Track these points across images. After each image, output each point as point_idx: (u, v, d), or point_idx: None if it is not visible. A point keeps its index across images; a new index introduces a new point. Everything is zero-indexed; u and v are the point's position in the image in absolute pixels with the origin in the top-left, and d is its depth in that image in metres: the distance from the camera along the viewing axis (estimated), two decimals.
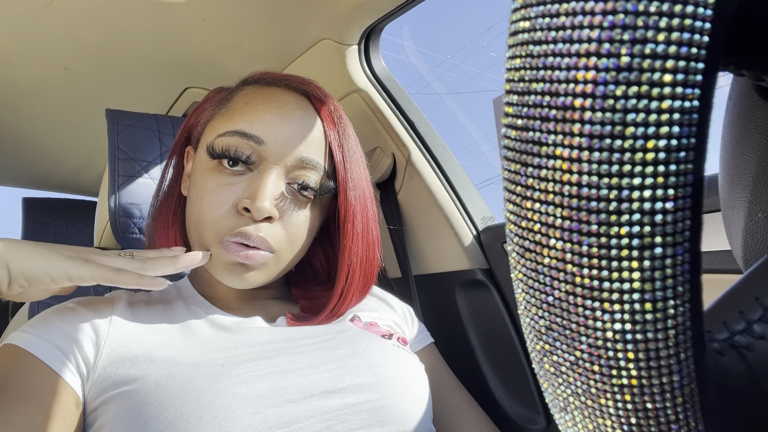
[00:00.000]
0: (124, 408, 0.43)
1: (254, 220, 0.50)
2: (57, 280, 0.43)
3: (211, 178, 0.52)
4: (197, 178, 0.54)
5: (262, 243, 0.50)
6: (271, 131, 0.52)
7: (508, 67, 0.16)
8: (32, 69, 0.93)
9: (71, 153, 1.35)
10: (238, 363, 0.47)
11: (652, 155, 0.14)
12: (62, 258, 0.44)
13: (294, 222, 0.53)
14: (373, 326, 0.60)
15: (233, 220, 0.51)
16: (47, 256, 0.44)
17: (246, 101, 0.54)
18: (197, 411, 0.42)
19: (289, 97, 0.55)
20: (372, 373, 0.50)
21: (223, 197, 0.51)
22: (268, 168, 0.52)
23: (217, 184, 0.52)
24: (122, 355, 0.47)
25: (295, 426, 0.44)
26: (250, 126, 0.52)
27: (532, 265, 0.16)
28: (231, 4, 0.78)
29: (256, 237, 0.50)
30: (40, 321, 0.49)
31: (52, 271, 0.43)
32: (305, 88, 0.56)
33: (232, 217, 0.51)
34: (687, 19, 0.13)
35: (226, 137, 0.52)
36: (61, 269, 0.43)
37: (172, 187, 0.61)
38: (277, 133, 0.52)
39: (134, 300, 0.56)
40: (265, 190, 0.50)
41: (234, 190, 0.51)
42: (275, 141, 0.52)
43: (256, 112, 0.53)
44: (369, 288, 0.60)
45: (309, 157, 0.53)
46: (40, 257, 0.43)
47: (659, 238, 0.14)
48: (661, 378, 0.15)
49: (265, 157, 0.52)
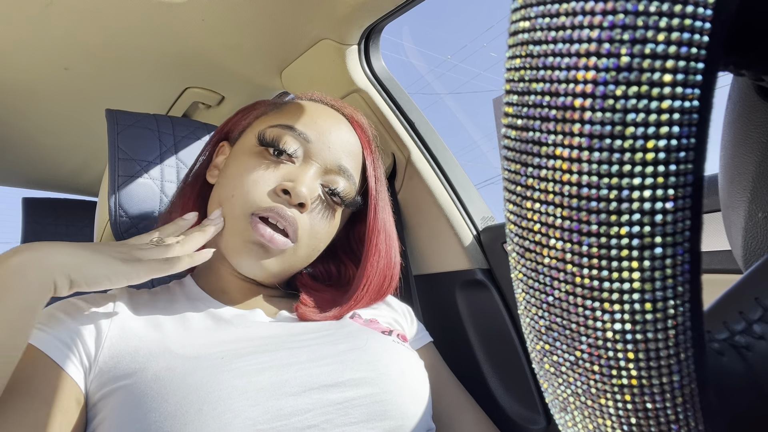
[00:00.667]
0: (125, 401, 0.44)
1: (290, 203, 0.53)
2: (116, 282, 0.46)
3: (254, 159, 0.56)
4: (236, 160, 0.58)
5: (292, 225, 0.53)
6: (319, 134, 0.57)
7: (508, 67, 0.16)
8: (32, 69, 0.93)
9: (71, 153, 1.35)
10: (238, 356, 0.47)
11: (652, 155, 0.14)
12: (119, 262, 0.47)
13: (319, 221, 0.57)
14: (373, 323, 0.60)
15: (269, 199, 0.54)
16: (106, 261, 0.46)
17: (300, 107, 0.60)
18: (197, 403, 0.42)
19: (338, 115, 0.61)
20: (372, 368, 0.50)
21: (263, 177, 0.55)
22: (310, 163, 0.56)
23: (259, 164, 0.55)
24: (123, 350, 0.47)
25: (294, 419, 0.44)
26: (303, 126, 0.57)
27: (532, 265, 0.16)
28: (231, 4, 0.78)
29: (289, 217, 0.53)
30: (46, 317, 0.49)
31: (112, 275, 0.46)
32: (350, 114, 0.63)
33: (269, 196, 0.54)
34: (687, 19, 0.13)
35: (278, 128, 0.56)
36: (120, 274, 0.46)
37: (198, 174, 0.64)
38: (325, 137, 0.57)
39: (136, 295, 0.57)
40: (307, 178, 0.54)
41: (275, 175, 0.55)
42: (322, 143, 0.57)
43: (310, 117, 0.58)
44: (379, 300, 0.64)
45: (346, 166, 0.58)
46: (101, 263, 0.46)
47: (659, 238, 0.14)
48: (661, 378, 0.15)
49: (309, 154, 0.57)
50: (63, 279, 0.44)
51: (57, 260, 0.44)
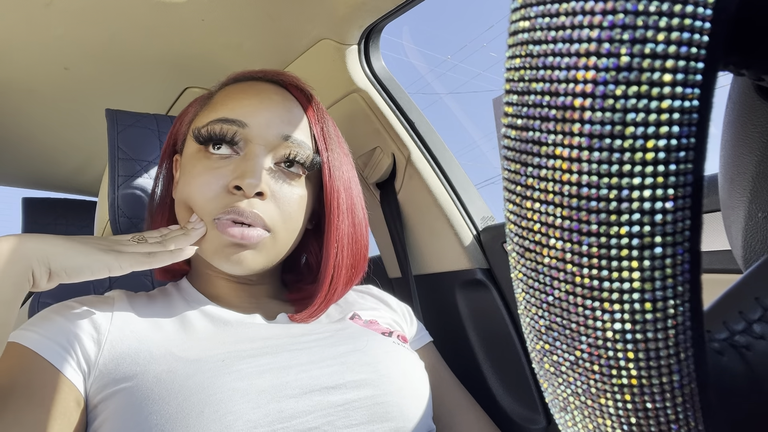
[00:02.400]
0: (126, 404, 0.43)
1: (246, 197, 0.51)
2: (97, 272, 0.45)
3: (198, 163, 0.54)
4: (184, 169, 0.55)
5: (257, 219, 0.51)
6: (252, 114, 0.54)
7: (508, 67, 0.16)
8: (32, 69, 0.93)
9: (71, 153, 1.35)
10: (239, 358, 0.47)
11: (652, 155, 0.14)
12: (100, 251, 0.46)
13: (286, 199, 0.54)
14: (373, 324, 0.60)
15: (225, 200, 0.51)
16: (87, 251, 0.45)
17: (227, 94, 0.57)
18: (198, 406, 0.42)
19: (266, 85, 0.57)
20: (372, 370, 0.50)
21: (212, 179, 0.52)
22: (253, 148, 0.53)
23: (205, 167, 0.53)
24: (123, 352, 0.47)
25: (295, 421, 0.44)
26: (232, 112, 0.54)
27: (532, 265, 0.16)
28: (231, 4, 0.78)
29: (250, 213, 0.51)
30: (43, 319, 0.49)
31: (93, 265, 0.45)
32: (281, 78, 0.59)
33: (224, 196, 0.52)
34: (687, 18, 0.13)
35: (211, 125, 0.54)
36: (102, 262, 0.45)
37: (164, 196, 0.62)
38: (258, 115, 0.54)
39: (134, 298, 0.56)
40: (254, 166, 0.52)
41: (223, 173, 0.52)
42: (257, 123, 0.54)
43: (236, 100, 0.55)
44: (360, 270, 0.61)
45: (293, 135, 0.55)
46: (81, 252, 0.45)
47: (659, 238, 0.14)
48: (661, 378, 0.15)
49: (250, 138, 0.54)
50: (41, 268, 0.43)
51: (33, 248, 0.43)
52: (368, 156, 0.95)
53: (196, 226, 0.52)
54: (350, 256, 0.58)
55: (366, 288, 0.70)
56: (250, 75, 0.60)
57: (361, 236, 0.60)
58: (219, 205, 0.51)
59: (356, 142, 0.96)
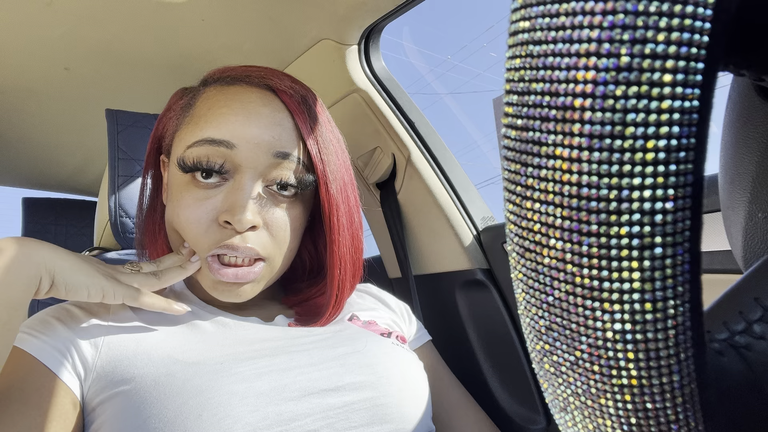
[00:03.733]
0: (124, 406, 0.43)
1: (238, 232, 0.49)
2: (93, 296, 0.45)
3: (186, 193, 0.51)
4: (173, 193, 0.53)
5: (250, 252, 0.49)
6: (239, 133, 0.50)
7: (508, 67, 0.16)
8: (32, 69, 0.93)
9: (71, 153, 1.35)
10: (238, 361, 0.47)
11: (652, 155, 0.14)
12: (101, 276, 0.46)
13: (279, 225, 0.52)
14: (372, 325, 0.60)
15: (216, 235, 0.49)
16: (90, 273, 0.45)
17: (209, 105, 0.52)
18: (197, 409, 0.42)
19: (252, 95, 0.52)
20: (371, 371, 0.50)
21: (201, 213, 0.50)
22: (243, 174, 0.50)
23: (194, 199, 0.50)
24: (120, 355, 0.47)
25: (294, 424, 0.44)
26: (217, 131, 0.50)
27: (532, 265, 0.16)
28: (231, 4, 0.78)
29: (244, 248, 0.49)
30: (39, 322, 0.49)
31: (92, 288, 0.45)
32: (268, 82, 0.54)
33: (215, 231, 0.49)
34: (687, 19, 0.13)
35: (195, 147, 0.50)
36: (99, 287, 0.45)
37: (153, 199, 0.60)
38: (247, 133, 0.50)
39: None
40: (243, 200, 0.48)
41: (212, 204, 0.50)
42: (246, 142, 0.50)
43: (221, 116, 0.50)
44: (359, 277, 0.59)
45: (283, 151, 0.51)
46: (84, 272, 0.45)
47: (659, 238, 0.14)
48: (661, 378, 0.15)
49: (239, 162, 0.50)
50: (47, 278, 0.43)
51: (46, 257, 0.43)
52: (368, 156, 0.95)
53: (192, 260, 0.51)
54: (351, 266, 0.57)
55: (365, 287, 0.70)
56: (233, 76, 0.54)
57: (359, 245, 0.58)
58: (211, 241, 0.49)
59: (356, 142, 0.96)
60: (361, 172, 0.97)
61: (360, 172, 0.98)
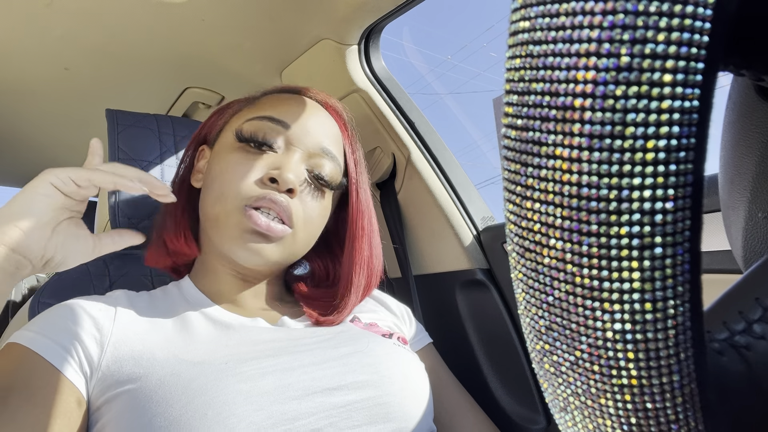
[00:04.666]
0: (129, 406, 0.43)
1: (279, 191, 0.53)
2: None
3: (236, 155, 0.56)
4: (219, 159, 0.57)
5: (286, 211, 0.53)
6: (297, 120, 0.57)
7: (508, 67, 0.16)
8: (32, 69, 0.93)
9: (71, 153, 1.35)
10: (242, 361, 0.47)
11: (652, 155, 0.14)
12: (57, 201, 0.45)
13: (310, 204, 0.57)
14: (373, 326, 0.60)
15: (258, 190, 0.53)
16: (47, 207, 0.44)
17: (274, 99, 0.60)
18: (201, 408, 0.42)
19: (311, 101, 0.61)
20: (373, 371, 0.50)
21: (249, 169, 0.54)
22: (292, 150, 0.56)
23: (243, 158, 0.55)
24: (126, 354, 0.47)
25: (298, 422, 0.44)
26: (279, 114, 0.57)
27: (532, 265, 0.16)
28: (231, 4, 0.78)
29: (282, 202, 0.53)
30: (43, 320, 0.49)
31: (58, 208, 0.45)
32: (322, 98, 0.63)
33: (258, 187, 0.53)
34: (687, 19, 0.13)
35: (255, 121, 0.56)
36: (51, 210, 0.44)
37: (183, 181, 0.63)
38: (303, 122, 0.57)
39: (135, 298, 0.56)
40: (292, 163, 0.54)
41: (259, 165, 0.55)
42: (301, 129, 0.57)
43: (285, 105, 0.58)
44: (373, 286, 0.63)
45: (329, 148, 0.58)
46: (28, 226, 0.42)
47: (659, 238, 0.14)
48: (661, 378, 0.15)
49: (290, 141, 0.56)
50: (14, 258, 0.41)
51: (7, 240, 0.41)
52: (368, 156, 0.95)
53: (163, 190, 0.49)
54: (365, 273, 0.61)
55: None
56: (295, 89, 0.63)
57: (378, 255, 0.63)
58: (252, 193, 0.53)
59: None
60: None
61: None
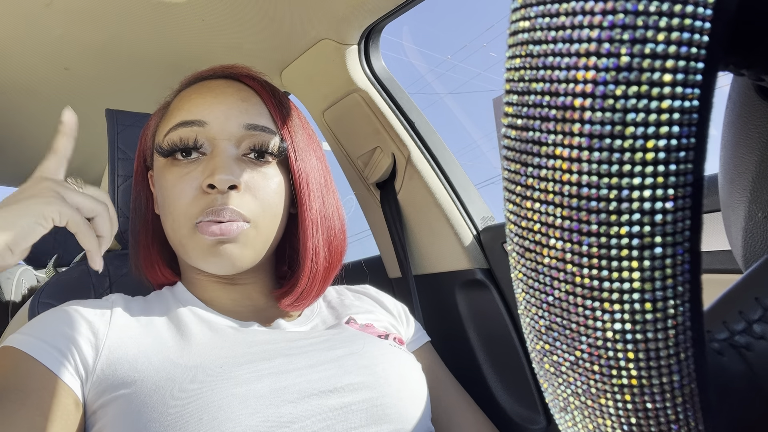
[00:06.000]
0: (124, 410, 0.43)
1: (220, 193, 0.51)
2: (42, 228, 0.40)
3: (171, 173, 0.54)
4: (159, 182, 0.56)
5: (234, 214, 0.51)
6: (209, 111, 0.54)
7: (508, 67, 0.16)
8: (32, 69, 0.93)
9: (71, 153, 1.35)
10: (237, 364, 0.47)
11: (652, 155, 0.14)
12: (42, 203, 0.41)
13: (261, 188, 0.54)
14: (369, 327, 0.60)
15: (201, 202, 0.52)
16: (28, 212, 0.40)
17: (180, 99, 0.57)
18: (197, 412, 0.42)
19: (218, 81, 0.57)
20: (369, 372, 0.50)
21: (185, 185, 0.53)
22: (219, 144, 0.53)
23: (176, 176, 0.53)
24: (121, 358, 0.47)
25: (294, 426, 0.44)
26: (188, 114, 0.54)
27: (532, 265, 0.16)
28: (231, 4, 0.78)
29: (227, 210, 0.51)
30: (39, 323, 0.49)
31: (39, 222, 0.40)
32: (231, 71, 0.59)
33: (200, 199, 0.52)
34: (687, 19, 0.13)
35: (171, 133, 0.54)
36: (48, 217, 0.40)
37: (144, 212, 0.61)
38: (216, 110, 0.54)
39: (131, 302, 0.56)
40: (222, 161, 0.52)
41: (194, 176, 0.53)
42: (216, 118, 0.53)
43: (191, 101, 0.55)
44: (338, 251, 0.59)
45: (254, 123, 0.55)
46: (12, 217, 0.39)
47: (659, 238, 0.14)
48: (661, 378, 0.15)
49: (213, 136, 0.53)
50: None
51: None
52: (368, 156, 0.95)
53: None
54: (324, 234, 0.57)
55: (363, 288, 0.70)
56: (200, 75, 0.60)
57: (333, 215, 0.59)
58: (197, 208, 0.51)
59: (356, 142, 0.96)
60: (361, 172, 0.97)
61: (360, 172, 0.98)
